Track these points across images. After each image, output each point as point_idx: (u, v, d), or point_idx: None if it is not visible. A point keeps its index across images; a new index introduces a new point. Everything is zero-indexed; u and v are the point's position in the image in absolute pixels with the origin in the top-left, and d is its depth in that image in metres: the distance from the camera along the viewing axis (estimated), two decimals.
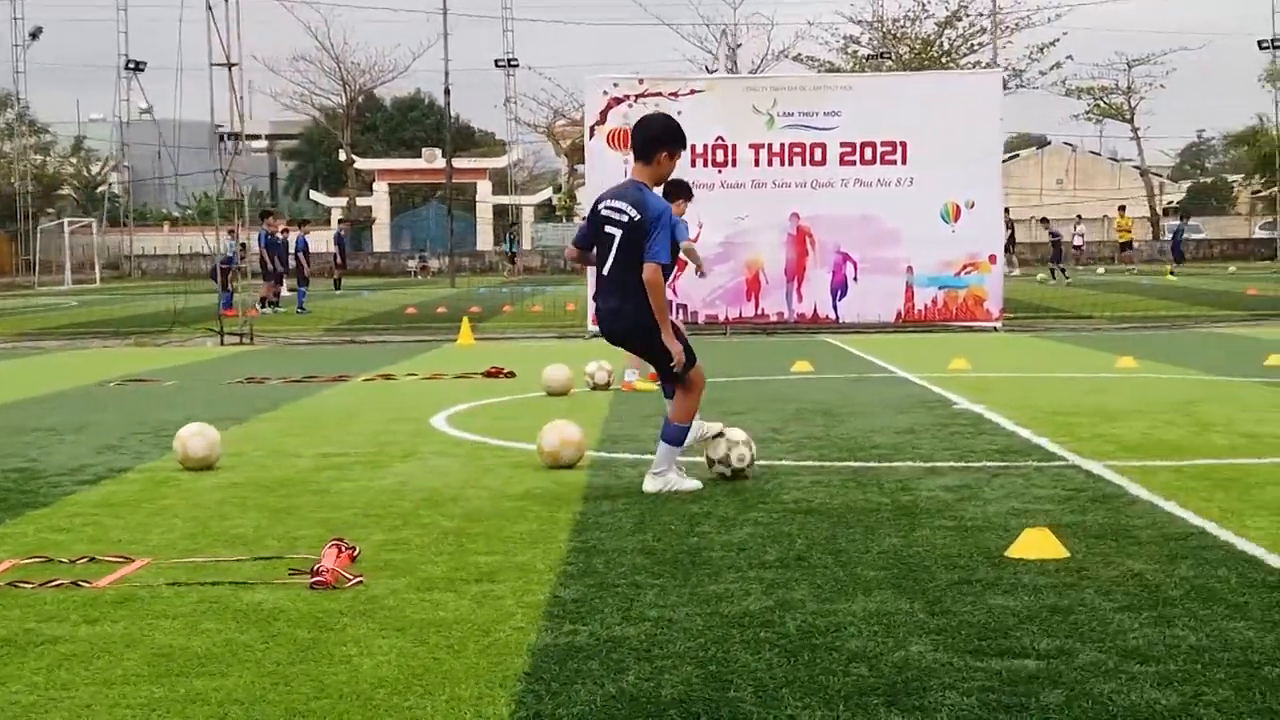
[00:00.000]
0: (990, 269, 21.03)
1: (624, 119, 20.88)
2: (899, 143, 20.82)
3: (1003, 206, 22.66)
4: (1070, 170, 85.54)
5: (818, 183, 20.83)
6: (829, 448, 8.29)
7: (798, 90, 21.37)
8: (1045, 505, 6.35)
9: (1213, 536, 5.62)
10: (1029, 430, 8.81)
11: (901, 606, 4.63)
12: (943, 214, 20.88)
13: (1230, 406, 9.95)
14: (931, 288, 21.09)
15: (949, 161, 20.48)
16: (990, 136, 21.24)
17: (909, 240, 20.94)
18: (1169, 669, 3.91)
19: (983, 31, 59.99)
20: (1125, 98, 65.97)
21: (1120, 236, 46.00)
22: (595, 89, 21.32)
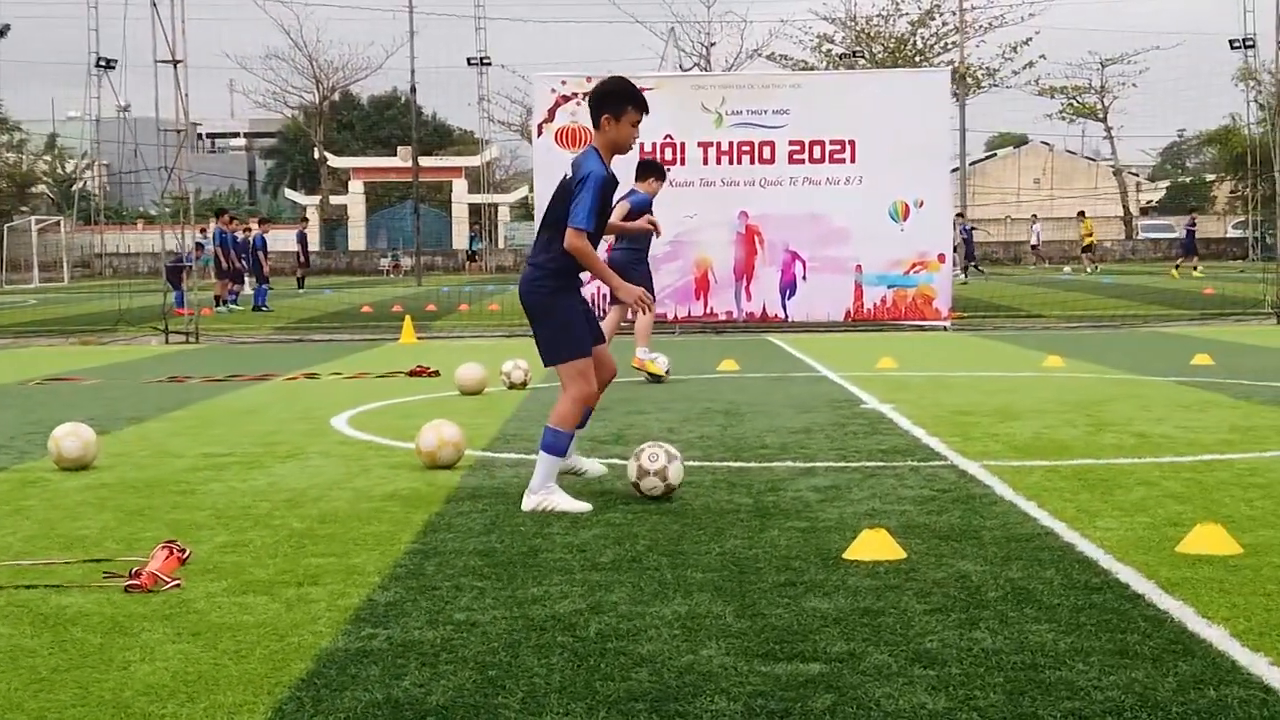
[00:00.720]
0: (939, 268, 21.00)
1: (571, 117, 20.84)
2: (848, 141, 20.80)
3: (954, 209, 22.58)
4: (1047, 170, 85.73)
5: (766, 181, 20.81)
6: (717, 448, 8.23)
7: (746, 89, 21.33)
8: (905, 506, 6.30)
9: (1058, 538, 5.58)
10: (923, 430, 8.77)
11: (713, 609, 4.57)
12: (891, 213, 20.85)
13: (1134, 406, 9.93)
14: (880, 287, 21.07)
15: (898, 160, 20.45)
16: (939, 135, 21.24)
17: (858, 239, 20.92)
18: (950, 672, 3.86)
19: (956, 30, 60.08)
20: (1099, 97, 66.09)
21: (1084, 240, 46.02)
22: (543, 86, 21.26)
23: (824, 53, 61.40)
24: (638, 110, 6.41)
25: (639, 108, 6.41)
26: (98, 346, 19.50)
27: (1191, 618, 4.38)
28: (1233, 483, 6.75)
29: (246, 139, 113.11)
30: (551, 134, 20.82)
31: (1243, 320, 21.46)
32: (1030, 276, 42.34)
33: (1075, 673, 3.85)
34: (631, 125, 6.39)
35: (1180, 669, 3.87)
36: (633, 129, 6.40)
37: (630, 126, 6.39)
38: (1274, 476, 6.89)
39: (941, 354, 15.55)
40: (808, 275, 21.03)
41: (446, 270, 58.94)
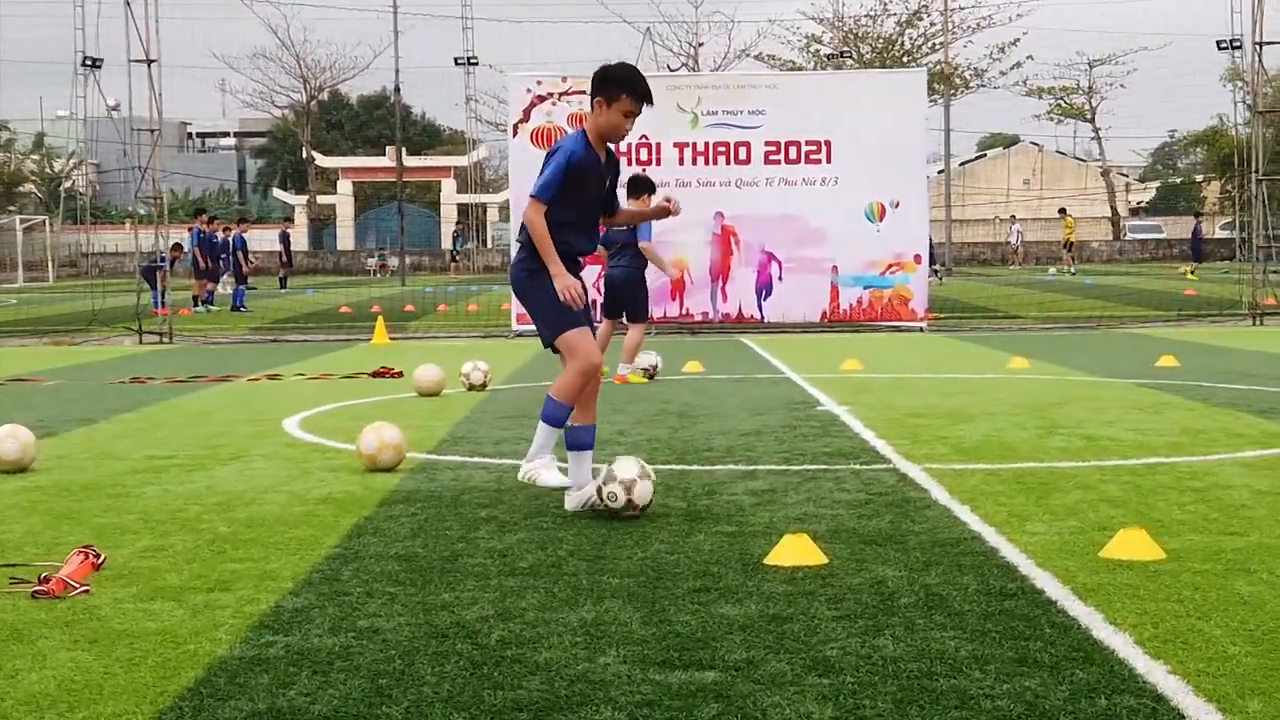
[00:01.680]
0: (915, 269, 20.98)
1: (547, 117, 20.82)
2: (823, 142, 20.77)
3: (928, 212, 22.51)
4: (1037, 170, 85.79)
5: (742, 182, 20.78)
6: (663, 450, 8.19)
7: (722, 89, 21.30)
8: (838, 510, 6.26)
9: (983, 543, 5.54)
10: (873, 432, 8.73)
11: (620, 616, 4.52)
12: (867, 213, 20.83)
13: (1089, 408, 9.90)
14: (856, 287, 21.05)
15: (874, 161, 20.43)
16: (915, 136, 21.21)
17: (834, 240, 20.90)
18: (844, 681, 3.82)
19: (944, 31, 60.06)
20: (1086, 98, 66.12)
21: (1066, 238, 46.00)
22: (518, 87, 21.22)
23: (812, 53, 61.34)
24: (633, 100, 6.15)
25: (636, 98, 6.16)
26: (70, 347, 19.44)
27: (1099, 625, 4.34)
28: (1171, 486, 6.72)
29: (237, 139, 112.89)
30: (527, 134, 20.79)
31: (1218, 322, 21.46)
32: (1013, 277, 42.34)
33: (970, 681, 3.81)
34: (623, 114, 6.16)
35: (1076, 677, 3.83)
36: (624, 118, 6.17)
37: (621, 115, 6.16)
38: (1212, 480, 6.86)
39: (909, 355, 15.52)
40: (784, 276, 21.01)
41: (434, 270, 58.86)
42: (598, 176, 6.29)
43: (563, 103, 20.73)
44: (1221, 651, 4.05)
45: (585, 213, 6.32)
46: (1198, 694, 3.68)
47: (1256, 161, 22.38)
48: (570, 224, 6.27)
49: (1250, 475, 7.00)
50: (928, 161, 60.01)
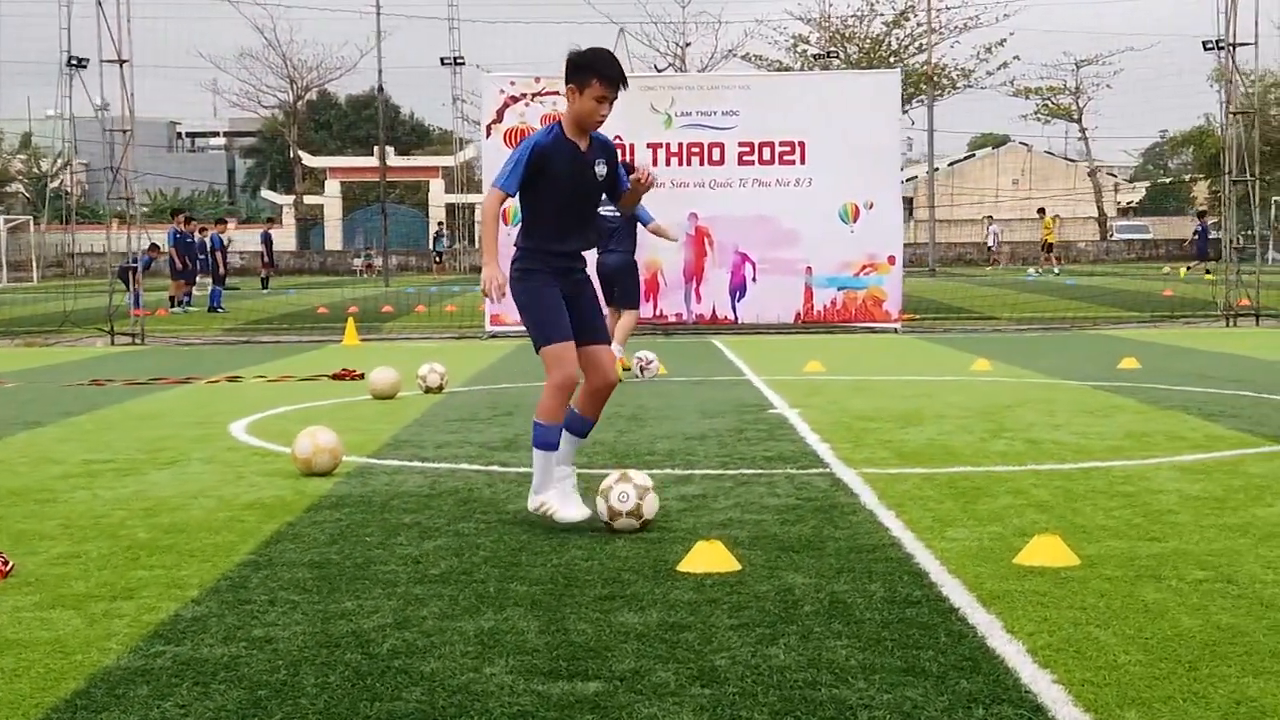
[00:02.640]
0: (890, 270, 20.96)
1: (520, 118, 20.78)
2: (797, 143, 20.75)
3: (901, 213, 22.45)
4: (1026, 170, 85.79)
5: (716, 183, 20.75)
6: (604, 454, 8.16)
7: (695, 90, 21.28)
8: (764, 515, 6.23)
9: (900, 549, 5.52)
10: (818, 436, 8.71)
11: (519, 625, 4.49)
12: (841, 214, 20.81)
13: (1039, 411, 9.88)
14: (830, 289, 21.02)
15: (848, 162, 20.41)
16: (889, 136, 21.19)
17: (808, 241, 20.87)
18: (726, 691, 3.79)
19: (931, 31, 60.06)
20: (1073, 98, 66.16)
21: (1047, 238, 45.93)
22: (492, 87, 21.18)
23: (799, 53, 61.34)
24: (604, 84, 5.89)
25: (606, 82, 5.90)
26: (41, 348, 19.37)
27: (996, 633, 4.32)
28: (1102, 491, 6.70)
29: (226, 138, 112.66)
30: (500, 135, 20.73)
31: (1192, 323, 21.46)
32: (995, 278, 42.33)
33: (852, 690, 3.79)
34: (595, 100, 5.89)
35: (959, 687, 3.80)
36: (596, 104, 5.90)
37: (594, 101, 5.89)
38: (1145, 485, 6.84)
39: (875, 357, 15.50)
40: (758, 277, 20.98)
41: (420, 270, 58.77)
42: (574, 166, 5.99)
43: (536, 103, 20.69)
44: (1112, 660, 4.03)
45: (568, 207, 6.03)
46: (1077, 704, 3.66)
47: (1229, 163, 22.38)
48: (553, 220, 6.01)
49: (1184, 479, 6.98)
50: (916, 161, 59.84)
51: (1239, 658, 4.04)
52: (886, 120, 20.98)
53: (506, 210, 25.26)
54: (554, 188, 5.96)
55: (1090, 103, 67.11)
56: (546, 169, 5.92)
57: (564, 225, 6.04)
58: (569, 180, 5.99)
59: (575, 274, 6.14)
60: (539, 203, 6.00)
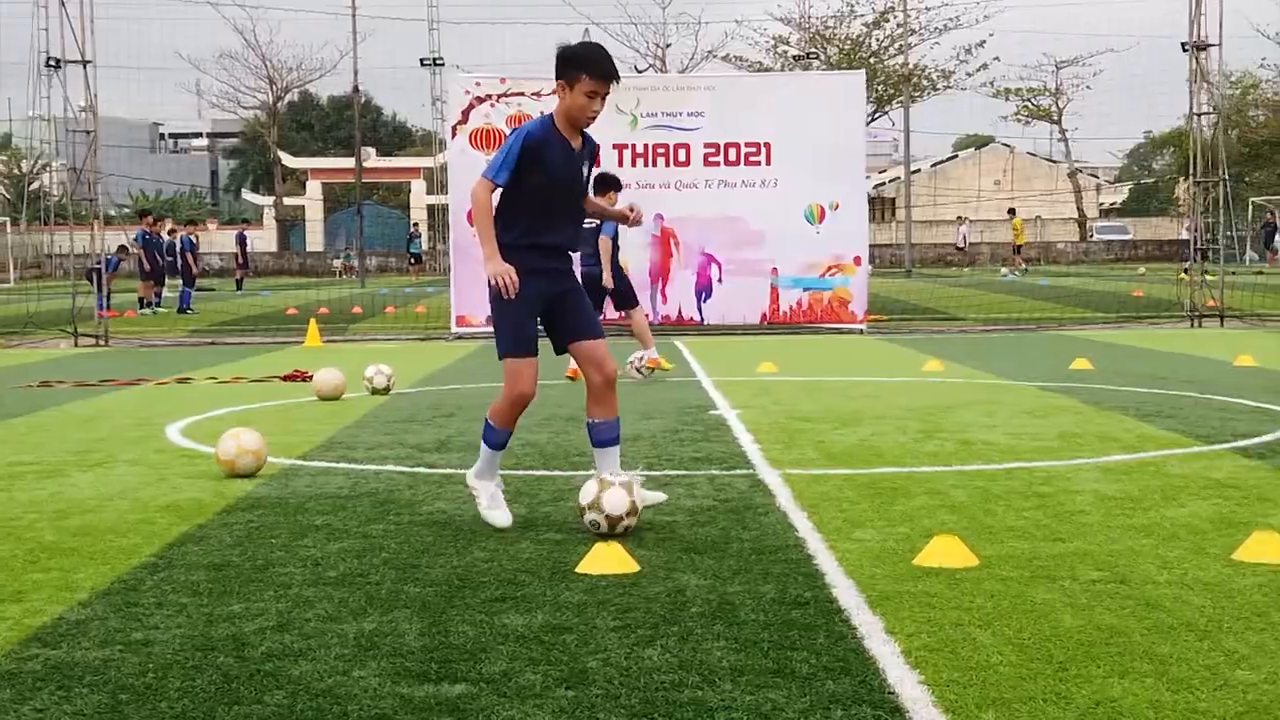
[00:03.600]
0: (855, 271, 20.98)
1: (486, 119, 20.75)
2: (763, 144, 20.75)
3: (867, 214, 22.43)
4: (1008, 171, 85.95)
5: (681, 184, 20.75)
6: (534, 457, 8.13)
7: (661, 90, 21.28)
8: (675, 516, 6.22)
9: (803, 550, 5.50)
10: (752, 437, 8.70)
11: (401, 627, 4.47)
12: (807, 215, 20.82)
13: (979, 412, 9.88)
14: (796, 290, 21.04)
15: (813, 163, 20.41)
16: (854, 137, 21.19)
17: (773, 242, 20.87)
18: (590, 694, 3.77)
19: (911, 33, 60.14)
20: (1053, 99, 66.29)
21: (1017, 239, 45.91)
22: (457, 88, 21.14)
23: (779, 54, 61.38)
24: (595, 80, 5.74)
25: (598, 77, 5.74)
26: (3, 349, 19.28)
27: (876, 634, 4.31)
28: (1020, 492, 6.69)
29: (209, 139, 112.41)
30: (466, 136, 20.71)
31: (1157, 324, 21.51)
32: (970, 278, 42.39)
33: (717, 693, 3.77)
34: (586, 95, 5.74)
35: (825, 688, 3.79)
36: (588, 100, 5.75)
37: (584, 97, 5.74)
38: (1063, 485, 6.84)
39: (830, 358, 15.51)
40: (723, 278, 20.99)
41: (400, 272, 58.68)
42: (567, 161, 5.82)
43: (501, 104, 20.67)
44: (984, 661, 4.02)
45: (559, 202, 5.86)
46: (938, 705, 3.65)
47: (1193, 165, 22.47)
48: (542, 213, 5.83)
49: (1104, 480, 6.98)
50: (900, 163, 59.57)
51: (1111, 658, 4.03)
52: (851, 121, 21.00)
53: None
54: (544, 182, 5.78)
55: (1070, 104, 67.24)
56: (538, 161, 5.74)
57: (551, 220, 5.86)
58: (560, 176, 5.83)
59: (560, 272, 5.97)
60: (526, 196, 5.79)
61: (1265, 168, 61.91)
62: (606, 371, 6.04)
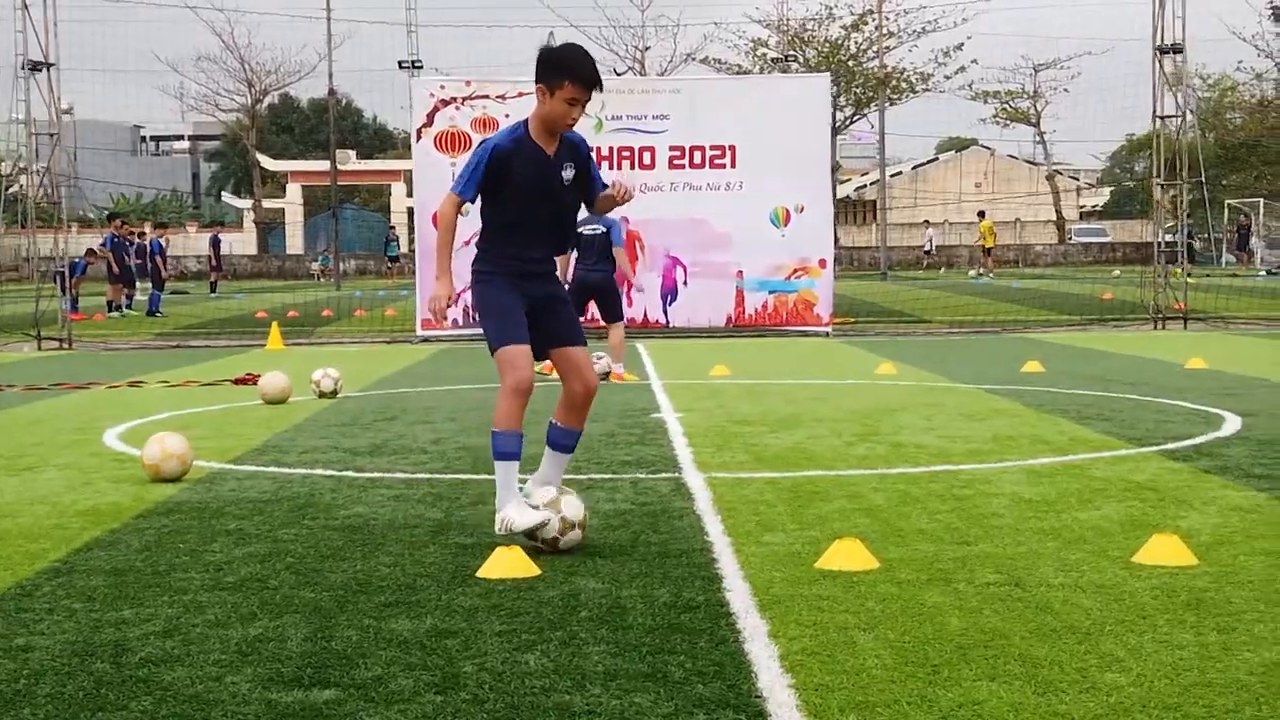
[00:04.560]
0: (820, 273, 21.01)
1: (450, 121, 20.74)
2: (728, 147, 20.78)
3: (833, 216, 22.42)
4: (989, 173, 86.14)
5: (647, 186, 20.73)
6: (463, 459, 8.11)
7: (626, 94, 21.29)
8: (592, 520, 6.19)
9: (709, 554, 5.50)
10: (686, 440, 8.70)
11: (286, 632, 4.46)
12: (772, 218, 20.85)
13: (919, 415, 9.90)
14: (762, 292, 21.07)
15: (778, 166, 20.45)
16: (819, 140, 21.27)
17: (739, 245, 20.90)
18: (458, 697, 3.76)
19: (890, 35, 60.22)
20: (1031, 102, 66.45)
21: (986, 241, 45.93)
22: (421, 91, 21.13)
23: (759, 56, 61.39)
24: (578, 86, 5.51)
25: (580, 83, 5.51)
26: None
27: (760, 637, 4.31)
28: (939, 494, 6.70)
29: (191, 142, 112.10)
30: (431, 139, 20.70)
31: (1121, 326, 21.58)
32: (942, 281, 42.48)
33: (584, 697, 3.77)
34: (566, 102, 5.49)
35: (694, 693, 3.79)
36: (568, 106, 5.51)
37: (564, 103, 5.50)
38: (985, 488, 6.85)
39: (787, 361, 15.53)
40: (689, 281, 21.02)
41: (379, 274, 58.59)
42: (539, 170, 5.58)
43: (466, 107, 20.67)
44: (859, 664, 4.02)
45: (535, 211, 5.61)
46: (801, 709, 3.65)
47: (1156, 167, 22.56)
48: (515, 226, 5.63)
49: (1026, 483, 6.99)
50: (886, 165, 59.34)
51: (986, 661, 4.04)
52: (816, 124, 21.08)
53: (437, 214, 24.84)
54: (516, 193, 5.59)
55: (1049, 106, 67.39)
56: (507, 173, 5.55)
57: (527, 231, 5.65)
58: (533, 185, 5.60)
59: (542, 279, 5.79)
60: (500, 208, 5.63)
61: (1242, 170, 62.12)
62: (589, 383, 5.86)
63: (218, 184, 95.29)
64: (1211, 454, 7.81)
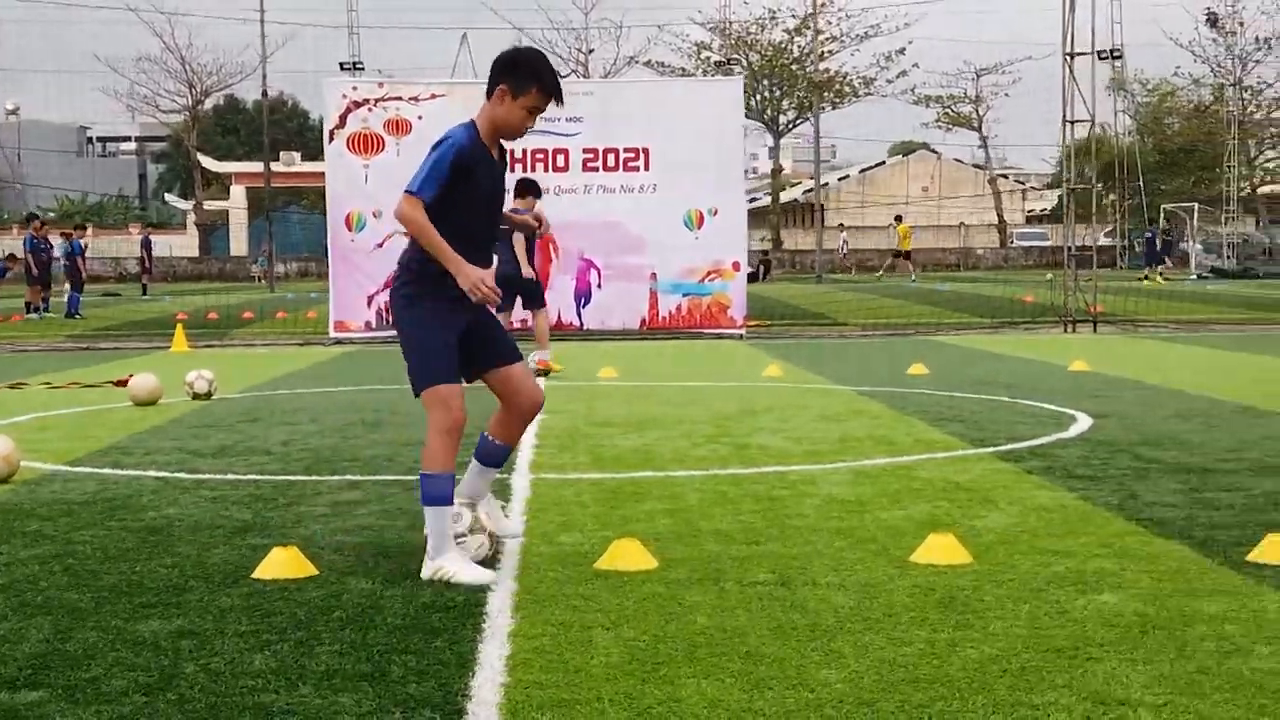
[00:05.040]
0: (734, 276, 21.06)
1: (363, 123, 20.63)
2: (642, 149, 20.78)
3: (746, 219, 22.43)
4: (936, 177, 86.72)
5: (561, 189, 20.70)
6: (302, 462, 8.06)
7: None
8: (396, 521, 6.20)
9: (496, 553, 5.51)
10: (535, 440, 8.70)
11: (29, 634, 4.41)
12: (686, 221, 20.88)
13: (777, 416, 9.94)
14: (675, 295, 21.08)
15: (692, 168, 20.46)
16: (732, 143, 21.30)
17: (653, 247, 20.90)
18: (162, 698, 3.74)
19: (833, 39, 60.55)
20: (973, 106, 66.93)
21: (903, 244, 46.23)
22: (334, 92, 21.00)
23: (702, 60, 61.52)
24: (543, 95, 5.22)
25: (545, 93, 5.22)
26: None
27: (498, 637, 4.33)
28: (757, 495, 6.73)
29: (138, 143, 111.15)
30: (343, 140, 20.59)
31: (1033, 329, 21.76)
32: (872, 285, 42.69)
33: (290, 696, 3.76)
34: (526, 109, 5.19)
35: (403, 692, 3.78)
36: (527, 113, 5.21)
37: (524, 110, 5.19)
38: (804, 490, 6.87)
39: (681, 363, 15.57)
40: (603, 283, 21.00)
41: (321, 276, 58.26)
42: (490, 175, 5.25)
43: (379, 108, 20.57)
44: (583, 663, 4.03)
45: (478, 220, 5.25)
46: (500, 708, 3.66)
47: (1068, 170, 22.76)
48: (460, 238, 5.13)
49: (848, 484, 7.04)
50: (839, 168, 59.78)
51: (710, 659, 4.06)
52: (730, 127, 21.10)
53: (350, 216, 24.09)
54: (469, 200, 5.17)
55: (991, 111, 67.93)
56: (469, 177, 5.14)
57: (474, 238, 5.22)
58: (484, 192, 5.24)
59: None
60: (450, 213, 5.12)
61: (1180, 175, 62.82)
62: (537, 397, 5.62)
63: (165, 185, 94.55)
64: (1044, 455, 7.88)
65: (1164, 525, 5.89)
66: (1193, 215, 51.90)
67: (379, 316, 20.21)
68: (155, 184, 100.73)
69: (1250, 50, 54.49)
